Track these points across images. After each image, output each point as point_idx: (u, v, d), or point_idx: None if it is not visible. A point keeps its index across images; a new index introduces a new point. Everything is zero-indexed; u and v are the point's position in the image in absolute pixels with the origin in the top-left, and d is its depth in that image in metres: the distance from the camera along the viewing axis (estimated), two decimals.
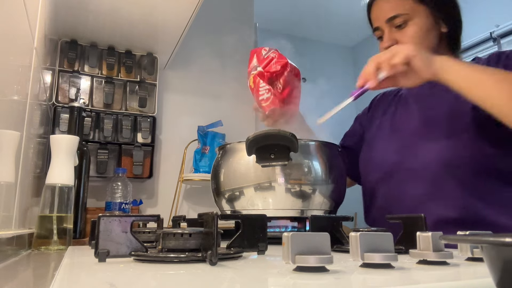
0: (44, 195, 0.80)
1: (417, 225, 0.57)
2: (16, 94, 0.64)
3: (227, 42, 1.91)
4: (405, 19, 0.90)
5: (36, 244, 0.77)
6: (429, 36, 0.91)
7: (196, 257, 0.46)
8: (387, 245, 0.42)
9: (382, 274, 0.38)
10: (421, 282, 0.35)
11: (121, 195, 1.33)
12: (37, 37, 0.80)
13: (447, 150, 0.83)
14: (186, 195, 1.69)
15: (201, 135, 1.65)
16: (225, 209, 0.87)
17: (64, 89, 1.44)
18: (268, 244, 0.59)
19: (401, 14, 0.90)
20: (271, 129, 0.78)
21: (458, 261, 0.46)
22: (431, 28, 0.91)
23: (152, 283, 0.36)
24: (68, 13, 1.28)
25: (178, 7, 1.25)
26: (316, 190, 0.82)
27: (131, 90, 1.58)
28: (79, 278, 0.41)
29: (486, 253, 0.27)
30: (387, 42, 0.92)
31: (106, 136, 1.48)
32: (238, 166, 0.85)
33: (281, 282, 0.36)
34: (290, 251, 0.38)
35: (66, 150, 0.85)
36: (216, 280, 0.37)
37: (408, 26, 0.90)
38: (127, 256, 0.50)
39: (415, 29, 0.90)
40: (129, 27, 1.40)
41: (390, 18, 0.91)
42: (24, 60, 0.70)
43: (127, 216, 0.53)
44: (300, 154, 0.80)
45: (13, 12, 0.58)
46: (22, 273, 0.52)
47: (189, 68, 1.81)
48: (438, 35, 0.92)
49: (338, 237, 0.64)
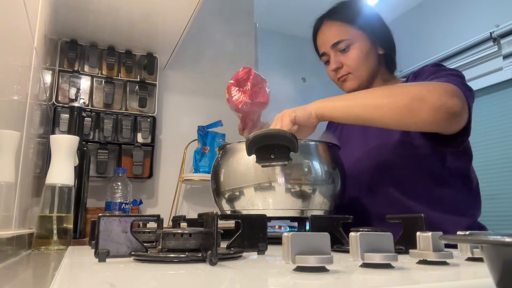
0: (44, 195, 0.80)
1: (417, 225, 0.57)
2: (16, 94, 0.64)
3: (227, 42, 1.91)
4: (347, 44, 1.02)
5: (36, 244, 0.77)
6: (369, 57, 1.03)
7: (196, 257, 0.46)
8: (387, 245, 0.42)
9: (382, 274, 0.38)
10: (421, 282, 0.35)
11: (121, 195, 1.33)
12: (37, 37, 0.80)
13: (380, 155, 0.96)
14: (186, 195, 1.69)
15: (201, 135, 1.65)
16: (225, 209, 0.87)
17: (64, 89, 1.44)
18: (268, 244, 0.59)
19: (344, 40, 1.02)
20: (271, 129, 0.78)
21: (458, 261, 0.46)
22: (370, 51, 1.03)
23: (152, 283, 0.36)
24: (68, 13, 1.28)
25: (178, 7, 1.25)
26: (316, 190, 0.82)
27: (131, 90, 1.58)
28: (79, 278, 0.41)
29: (486, 253, 0.27)
30: (334, 64, 1.04)
31: (106, 136, 1.48)
32: (238, 166, 0.85)
33: (281, 282, 0.36)
34: (290, 251, 0.38)
35: (66, 150, 0.85)
36: (216, 280, 0.37)
37: (350, 50, 1.02)
38: (127, 256, 0.50)
39: (357, 52, 1.02)
40: (129, 27, 1.40)
41: (335, 44, 1.03)
42: (24, 60, 0.70)
43: (127, 216, 0.53)
44: (300, 154, 0.80)
45: (13, 12, 0.58)
46: (22, 273, 0.52)
47: (189, 68, 1.81)
48: (376, 57, 1.04)
49: (338, 237, 0.64)
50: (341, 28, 1.03)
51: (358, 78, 1.03)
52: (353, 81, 1.04)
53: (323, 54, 1.07)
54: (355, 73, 1.03)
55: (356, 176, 0.96)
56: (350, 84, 1.04)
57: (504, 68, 2.47)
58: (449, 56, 2.77)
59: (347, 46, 1.02)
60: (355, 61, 1.02)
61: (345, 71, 1.03)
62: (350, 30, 1.02)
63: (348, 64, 1.02)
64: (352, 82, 1.04)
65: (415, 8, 3.14)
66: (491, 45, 2.54)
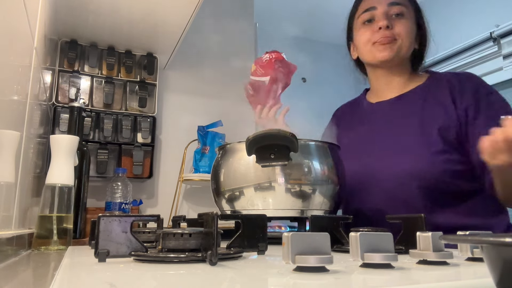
0: (44, 195, 0.80)
1: (417, 225, 0.57)
2: (16, 94, 0.64)
3: (227, 42, 1.91)
4: (402, 10, 0.96)
5: (36, 244, 0.77)
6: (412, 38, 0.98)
7: (196, 257, 0.46)
8: (387, 245, 0.42)
9: (382, 274, 0.38)
10: (421, 282, 0.35)
11: (121, 195, 1.33)
12: (37, 37, 0.80)
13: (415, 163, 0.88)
14: (186, 195, 1.69)
15: (201, 135, 1.65)
16: (225, 209, 0.87)
17: (64, 89, 1.44)
18: (268, 244, 0.59)
19: (402, 3, 0.96)
20: (271, 129, 0.78)
21: (458, 261, 0.46)
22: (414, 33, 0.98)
23: (152, 283, 0.36)
24: (68, 13, 1.28)
25: (178, 7, 1.25)
26: (316, 190, 0.82)
27: (131, 90, 1.58)
28: (79, 278, 0.41)
29: (486, 253, 0.27)
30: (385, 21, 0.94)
31: (106, 136, 1.48)
32: (238, 166, 0.85)
33: (281, 282, 0.36)
34: (290, 251, 0.38)
35: (66, 150, 0.85)
36: (216, 280, 0.37)
37: (403, 19, 0.96)
38: (127, 256, 0.50)
39: (408, 24, 0.96)
40: (129, 27, 1.40)
41: (392, 3, 0.96)
42: (24, 60, 0.70)
43: (127, 216, 0.53)
44: (300, 154, 0.80)
45: (13, 12, 0.58)
46: (22, 273, 0.52)
47: (189, 68, 1.81)
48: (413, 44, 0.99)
49: (338, 237, 0.64)
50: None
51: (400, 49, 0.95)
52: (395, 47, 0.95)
53: (371, 8, 0.98)
54: (401, 41, 0.95)
55: (381, 182, 0.91)
56: (390, 51, 0.95)
57: (504, 68, 2.47)
58: (449, 56, 2.77)
59: (402, 12, 0.96)
60: (406, 30, 0.95)
61: (392, 34, 0.95)
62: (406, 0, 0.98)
63: (398, 31, 0.95)
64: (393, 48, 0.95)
65: None
66: (491, 45, 2.54)
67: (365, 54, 1.01)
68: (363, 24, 1.00)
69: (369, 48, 0.98)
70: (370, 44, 0.98)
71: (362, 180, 0.94)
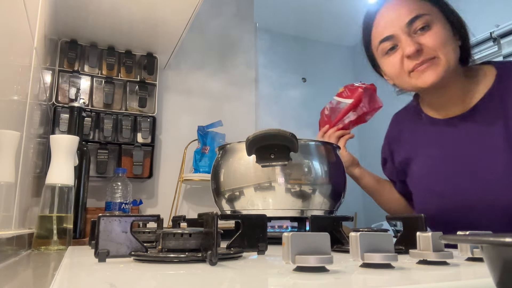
0: (44, 195, 0.80)
1: (417, 225, 0.57)
2: (16, 94, 0.64)
3: (227, 42, 1.91)
4: (427, 20, 0.79)
5: (36, 244, 0.77)
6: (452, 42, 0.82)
7: (196, 257, 0.46)
8: (387, 245, 0.42)
9: (382, 274, 0.38)
10: (421, 282, 0.35)
11: (121, 195, 1.33)
12: (37, 37, 0.80)
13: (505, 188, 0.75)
14: (186, 195, 1.69)
15: (201, 135, 1.65)
16: (225, 209, 0.87)
17: (64, 89, 1.44)
18: (268, 244, 0.59)
19: (423, 15, 0.79)
20: (271, 129, 0.78)
21: (458, 261, 0.46)
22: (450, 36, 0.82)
23: (152, 283, 0.36)
24: (68, 13, 1.28)
25: (178, 7, 1.25)
26: (316, 190, 0.82)
27: (131, 90, 1.58)
28: (79, 278, 0.40)
29: (486, 253, 0.27)
30: (412, 46, 0.78)
31: (106, 136, 1.48)
32: (238, 166, 0.85)
33: (281, 282, 0.36)
34: (290, 251, 0.38)
35: (66, 150, 0.85)
36: (216, 280, 0.37)
37: (432, 28, 0.79)
38: (127, 256, 0.50)
39: (441, 30, 0.79)
40: (129, 27, 1.40)
41: (411, 21, 0.80)
42: (24, 60, 0.70)
43: (127, 216, 0.53)
44: (300, 154, 0.80)
45: (13, 12, 0.58)
46: (22, 273, 0.52)
47: (189, 68, 1.81)
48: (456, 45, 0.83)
49: (338, 237, 0.64)
50: (416, 3, 0.81)
51: (445, 63, 0.79)
52: (438, 68, 0.78)
53: (387, 38, 0.83)
54: (442, 56, 0.78)
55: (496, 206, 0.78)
56: (432, 74, 0.79)
57: None
58: None
59: (427, 23, 0.79)
60: (440, 40, 0.78)
61: (429, 54, 0.78)
62: (428, 7, 0.81)
63: (431, 45, 0.78)
64: (437, 71, 0.78)
65: None
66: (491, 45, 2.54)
67: (403, 86, 0.86)
68: (386, 54, 0.85)
69: (406, 80, 0.83)
70: (406, 75, 0.82)
71: (453, 201, 0.84)
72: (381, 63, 0.88)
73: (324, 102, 1.18)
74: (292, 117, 2.22)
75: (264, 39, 2.34)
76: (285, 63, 3.30)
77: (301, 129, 1.00)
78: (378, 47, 0.86)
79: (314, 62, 3.57)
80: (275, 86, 2.91)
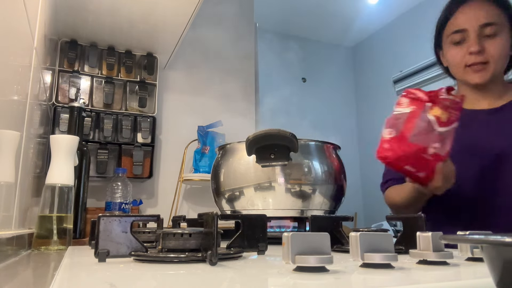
0: (44, 195, 0.80)
1: (417, 225, 0.57)
2: (16, 94, 0.64)
3: (227, 42, 1.91)
4: (496, 30, 0.91)
5: (36, 244, 0.77)
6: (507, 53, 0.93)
7: (196, 257, 0.46)
8: (387, 245, 0.42)
9: (382, 274, 0.38)
10: (421, 282, 0.35)
11: (121, 195, 1.33)
12: (37, 37, 0.80)
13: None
14: (186, 195, 1.70)
15: (201, 135, 1.65)
16: (225, 209, 0.87)
17: (64, 89, 1.44)
18: (268, 244, 0.59)
19: (495, 23, 0.91)
20: (271, 129, 0.78)
21: (458, 261, 0.46)
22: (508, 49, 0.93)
23: (152, 283, 0.36)
24: (68, 13, 1.28)
25: (178, 7, 1.25)
26: (316, 190, 0.82)
27: (131, 90, 1.58)
28: (79, 278, 0.41)
29: (486, 253, 0.27)
30: (477, 46, 0.90)
31: (106, 136, 1.48)
32: (238, 166, 0.85)
33: (281, 282, 0.36)
34: (290, 251, 0.38)
35: (66, 150, 0.85)
36: (216, 280, 0.37)
37: (497, 37, 0.91)
38: (127, 256, 0.50)
39: (503, 42, 0.91)
40: (129, 27, 1.40)
41: (485, 25, 0.91)
42: (24, 60, 0.70)
43: (127, 216, 0.53)
44: (300, 154, 0.80)
45: (13, 12, 0.58)
46: (22, 273, 0.52)
47: (189, 68, 1.81)
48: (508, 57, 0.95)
49: (338, 237, 0.64)
50: (494, 10, 0.92)
51: (493, 70, 0.92)
52: (488, 72, 0.91)
53: (461, 30, 0.94)
54: (494, 65, 0.91)
55: None
56: (483, 75, 0.92)
57: None
58: None
59: (495, 32, 0.91)
60: (499, 51, 0.91)
61: (485, 58, 0.91)
62: (501, 16, 0.92)
63: (491, 53, 0.91)
64: (487, 74, 0.92)
65: (415, 8, 3.14)
66: None
67: (456, 74, 0.99)
68: (453, 44, 0.96)
69: (461, 71, 0.96)
70: (462, 67, 0.95)
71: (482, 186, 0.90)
72: (446, 48, 1.00)
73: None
74: (292, 117, 2.22)
75: (264, 39, 2.34)
76: (285, 63, 3.30)
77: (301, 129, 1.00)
78: (449, 36, 0.97)
79: (314, 62, 3.57)
80: (275, 86, 2.91)
